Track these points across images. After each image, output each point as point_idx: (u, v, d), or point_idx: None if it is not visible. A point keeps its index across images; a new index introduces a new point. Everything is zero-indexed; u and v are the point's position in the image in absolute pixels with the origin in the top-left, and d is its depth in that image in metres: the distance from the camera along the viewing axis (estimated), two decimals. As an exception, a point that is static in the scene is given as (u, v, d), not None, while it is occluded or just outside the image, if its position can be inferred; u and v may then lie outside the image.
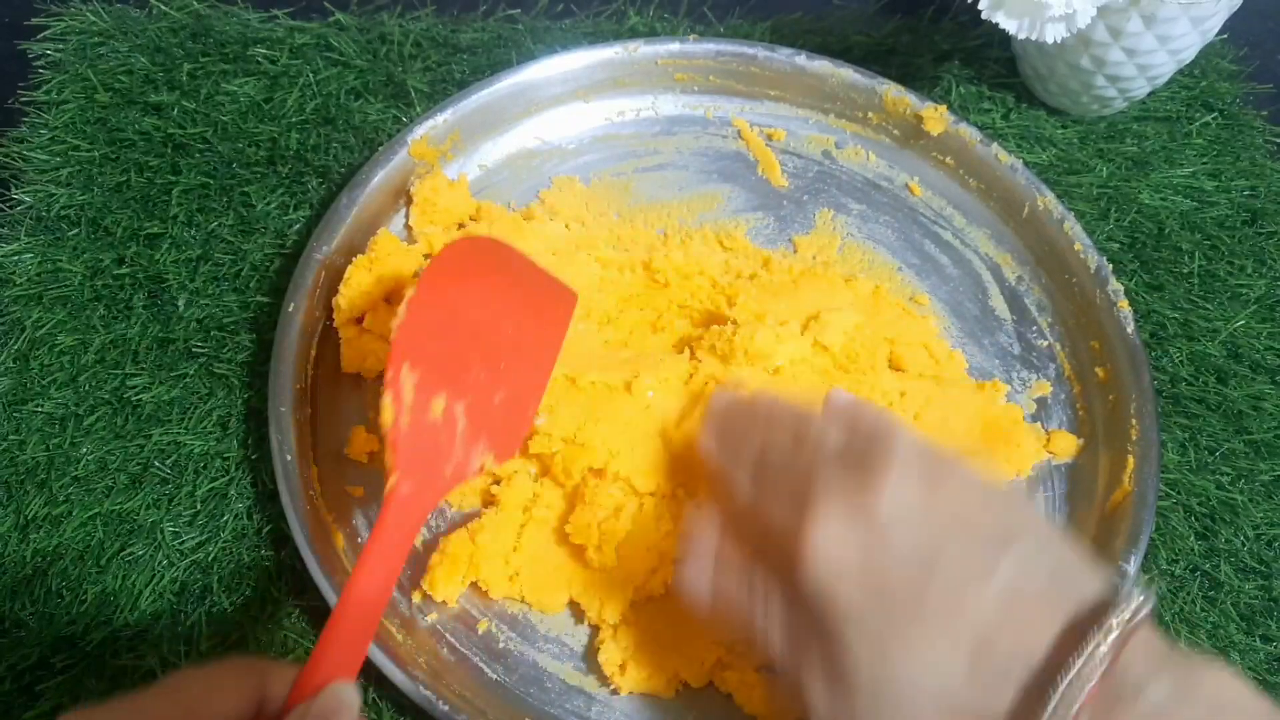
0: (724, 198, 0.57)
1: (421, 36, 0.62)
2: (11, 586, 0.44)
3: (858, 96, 0.58)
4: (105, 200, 0.54)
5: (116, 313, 0.51)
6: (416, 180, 0.54)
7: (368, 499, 0.48)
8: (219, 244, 0.54)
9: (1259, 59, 0.66)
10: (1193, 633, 0.47)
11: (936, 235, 0.57)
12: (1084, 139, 0.62)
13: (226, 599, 0.45)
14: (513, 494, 0.46)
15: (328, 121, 0.58)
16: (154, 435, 0.48)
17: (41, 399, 0.49)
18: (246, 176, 0.56)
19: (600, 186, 0.57)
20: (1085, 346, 0.53)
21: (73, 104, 0.57)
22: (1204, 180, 0.60)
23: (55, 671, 0.42)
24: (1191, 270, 0.57)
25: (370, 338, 0.49)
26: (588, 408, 0.46)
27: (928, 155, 0.58)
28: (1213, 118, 0.63)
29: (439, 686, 0.41)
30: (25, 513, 0.46)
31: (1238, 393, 0.53)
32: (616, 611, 0.44)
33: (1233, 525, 0.50)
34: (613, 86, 0.59)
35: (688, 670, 0.43)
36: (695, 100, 0.60)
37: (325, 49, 0.60)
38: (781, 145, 0.59)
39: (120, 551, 0.45)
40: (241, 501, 0.47)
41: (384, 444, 0.38)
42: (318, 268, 0.50)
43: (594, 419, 0.46)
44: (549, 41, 0.62)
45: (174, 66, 0.59)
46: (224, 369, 0.50)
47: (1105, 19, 0.54)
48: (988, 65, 0.64)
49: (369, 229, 0.52)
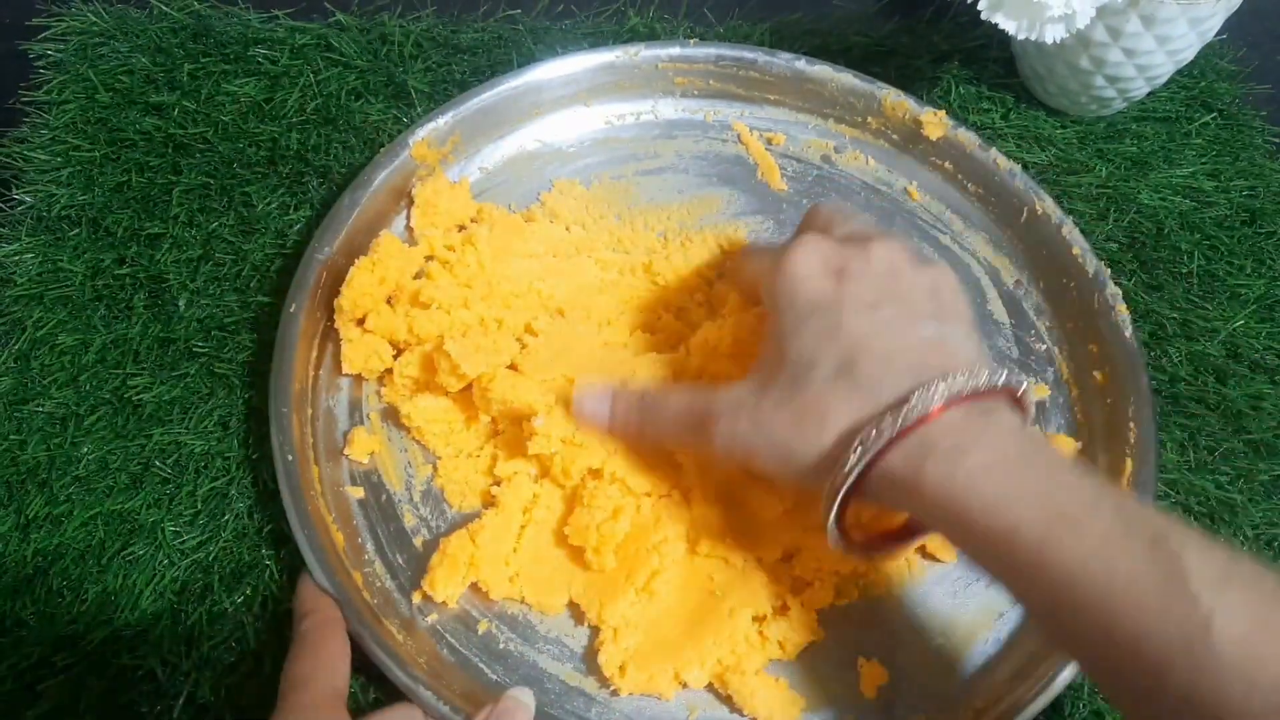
0: (724, 201, 0.57)
1: (422, 37, 0.62)
2: (12, 586, 0.44)
3: (857, 101, 0.58)
4: (106, 200, 0.54)
5: (117, 313, 0.51)
6: (418, 182, 0.54)
7: (368, 499, 0.48)
8: (220, 244, 0.54)
9: (1258, 59, 0.66)
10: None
11: (935, 239, 0.57)
12: (1083, 139, 0.62)
13: (227, 599, 0.45)
14: (512, 495, 0.46)
15: (328, 122, 0.58)
16: (155, 435, 0.48)
17: (42, 399, 0.49)
18: (247, 177, 0.56)
19: (601, 189, 0.57)
20: (1083, 350, 0.53)
21: (73, 104, 0.57)
22: (1203, 180, 0.60)
23: (56, 671, 0.43)
24: (1190, 270, 0.57)
25: (372, 339, 0.49)
26: None
27: (926, 160, 0.58)
28: (1212, 118, 0.63)
29: (439, 687, 0.41)
30: (26, 512, 0.46)
31: (1237, 392, 0.53)
32: (616, 613, 0.44)
33: (1232, 525, 0.50)
34: (613, 90, 0.59)
35: (687, 672, 0.43)
36: (695, 104, 0.60)
37: (326, 49, 0.60)
38: (781, 149, 0.59)
39: (121, 551, 0.46)
40: (242, 501, 0.47)
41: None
42: (319, 268, 0.50)
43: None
44: (549, 42, 0.62)
45: (175, 67, 0.59)
46: (225, 369, 0.50)
47: (1104, 20, 0.54)
48: (987, 66, 0.64)
49: (370, 230, 0.52)
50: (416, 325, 0.48)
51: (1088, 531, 0.31)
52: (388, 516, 0.47)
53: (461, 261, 0.51)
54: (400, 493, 0.48)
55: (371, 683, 0.43)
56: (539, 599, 0.45)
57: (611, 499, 0.45)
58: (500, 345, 0.47)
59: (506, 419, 0.47)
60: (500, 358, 0.47)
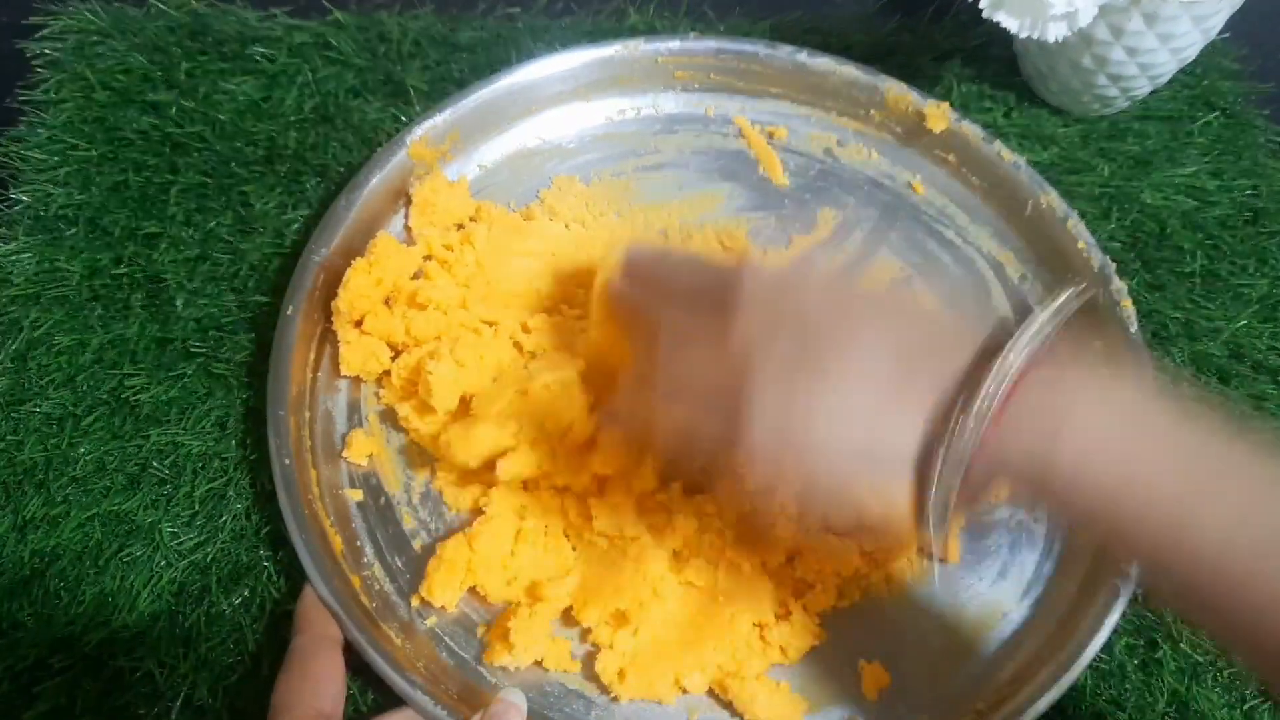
0: (725, 197, 0.57)
1: (420, 35, 0.61)
2: (9, 587, 0.44)
3: (860, 94, 0.58)
4: (103, 199, 0.54)
5: (114, 312, 0.51)
6: (416, 181, 0.53)
7: (366, 502, 0.47)
8: (217, 243, 0.53)
9: (1261, 58, 0.66)
10: (1194, 633, 0.47)
11: (939, 234, 0.57)
12: (1086, 138, 0.61)
13: (225, 600, 0.45)
14: (505, 500, 0.46)
15: (326, 120, 0.58)
16: (152, 435, 0.48)
17: (39, 399, 0.48)
18: (245, 176, 0.56)
19: (601, 186, 0.57)
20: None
21: (71, 103, 0.57)
22: (1206, 179, 0.60)
23: (53, 672, 0.42)
24: (1193, 270, 0.57)
25: (369, 340, 0.49)
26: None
27: (930, 153, 0.58)
28: (1214, 117, 0.63)
29: (437, 691, 0.41)
30: (23, 513, 0.46)
31: (1239, 392, 0.53)
32: (612, 624, 0.44)
33: (1234, 526, 0.50)
34: (613, 85, 0.58)
35: (687, 677, 0.43)
36: (696, 98, 0.60)
37: (324, 47, 0.60)
38: (783, 143, 0.59)
39: (118, 552, 0.45)
40: (240, 502, 0.47)
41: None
42: (316, 269, 0.49)
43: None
44: (548, 40, 0.61)
45: (172, 65, 0.58)
46: (222, 369, 0.50)
47: (1107, 18, 0.54)
48: (989, 64, 0.64)
49: (368, 231, 0.52)
50: (414, 327, 0.48)
51: (1230, 498, 0.28)
52: (386, 519, 0.47)
53: (460, 261, 0.50)
54: (399, 495, 0.48)
55: (370, 686, 0.43)
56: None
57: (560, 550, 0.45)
58: (488, 360, 0.47)
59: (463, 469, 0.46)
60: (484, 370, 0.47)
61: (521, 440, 0.44)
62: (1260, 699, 0.46)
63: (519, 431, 0.44)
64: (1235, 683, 0.46)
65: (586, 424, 0.45)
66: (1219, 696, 0.46)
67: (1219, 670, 0.46)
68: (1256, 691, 0.46)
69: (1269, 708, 0.45)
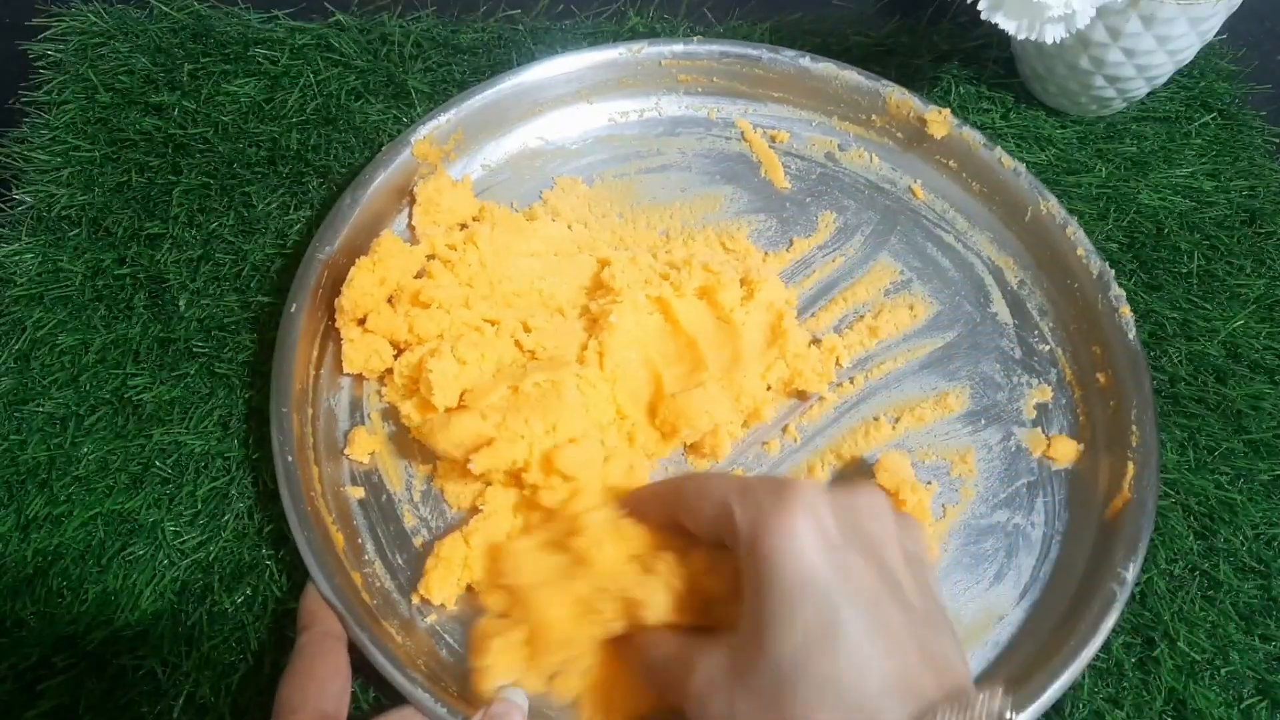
0: (726, 199, 0.57)
1: (422, 37, 0.62)
2: (13, 586, 0.44)
3: (861, 99, 0.58)
4: (106, 200, 0.54)
5: (117, 313, 0.51)
6: (419, 180, 0.54)
7: (368, 499, 0.48)
8: (220, 244, 0.54)
9: (1258, 59, 0.66)
10: (1191, 632, 0.47)
11: (939, 239, 0.57)
12: (1083, 139, 0.62)
13: (227, 599, 0.45)
14: (499, 497, 0.46)
15: (328, 122, 0.58)
16: (155, 435, 0.48)
17: (42, 399, 0.49)
18: (247, 177, 0.56)
19: (603, 187, 0.57)
20: (1087, 352, 0.53)
21: (73, 104, 0.57)
22: (1203, 180, 0.60)
23: (56, 671, 0.42)
24: (1190, 270, 0.57)
25: (372, 338, 0.49)
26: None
27: (931, 158, 0.58)
28: (1211, 118, 0.63)
29: (437, 689, 0.41)
30: (26, 512, 0.46)
31: (1236, 392, 0.53)
32: None
33: (1232, 525, 0.50)
34: (616, 87, 0.59)
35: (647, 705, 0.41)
36: (699, 101, 0.60)
37: (326, 49, 0.60)
38: (785, 147, 0.59)
39: (121, 551, 0.45)
40: (242, 501, 0.47)
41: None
42: (320, 268, 0.50)
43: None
44: (549, 42, 0.62)
45: (175, 67, 0.59)
46: (225, 369, 0.50)
47: (1104, 20, 0.54)
48: (987, 66, 0.64)
49: (371, 229, 0.52)
50: (417, 325, 0.48)
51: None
52: (388, 517, 0.47)
53: (463, 260, 0.51)
54: (400, 493, 0.48)
55: (371, 683, 0.43)
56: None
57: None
58: (489, 358, 0.47)
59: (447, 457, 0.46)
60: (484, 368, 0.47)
61: (502, 434, 0.44)
62: (1257, 697, 0.46)
63: (501, 424, 0.44)
64: (1232, 681, 0.46)
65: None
66: (1216, 694, 0.46)
67: (1216, 669, 0.46)
68: (1254, 690, 0.46)
69: (1266, 705, 0.46)
